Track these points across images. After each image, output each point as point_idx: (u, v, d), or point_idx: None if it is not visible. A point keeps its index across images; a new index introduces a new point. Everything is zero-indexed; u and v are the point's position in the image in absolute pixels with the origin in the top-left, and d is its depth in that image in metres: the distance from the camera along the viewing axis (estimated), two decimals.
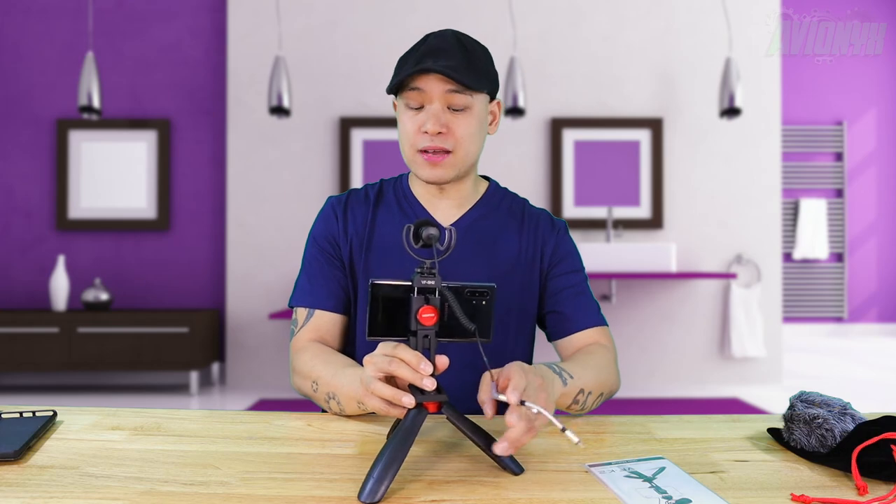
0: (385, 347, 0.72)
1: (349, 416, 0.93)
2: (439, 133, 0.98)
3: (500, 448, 0.66)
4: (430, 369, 0.69)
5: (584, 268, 1.12)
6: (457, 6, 4.13)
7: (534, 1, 4.14)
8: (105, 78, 4.22)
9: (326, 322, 1.05)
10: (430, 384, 0.68)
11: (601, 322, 1.08)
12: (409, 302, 0.73)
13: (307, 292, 1.06)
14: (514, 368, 0.72)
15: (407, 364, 0.69)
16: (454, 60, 0.96)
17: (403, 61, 0.99)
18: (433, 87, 0.97)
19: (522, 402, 0.67)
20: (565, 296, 1.08)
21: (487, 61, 1.02)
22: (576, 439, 0.63)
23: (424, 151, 1.00)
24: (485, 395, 0.72)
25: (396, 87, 0.98)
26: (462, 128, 0.99)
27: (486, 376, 0.74)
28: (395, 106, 1.08)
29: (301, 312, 1.05)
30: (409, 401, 0.68)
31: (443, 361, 0.71)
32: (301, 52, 4.11)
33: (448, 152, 1.00)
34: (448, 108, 0.99)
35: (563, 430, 0.64)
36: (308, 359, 0.97)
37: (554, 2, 4.15)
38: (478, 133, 1.02)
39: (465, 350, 1.04)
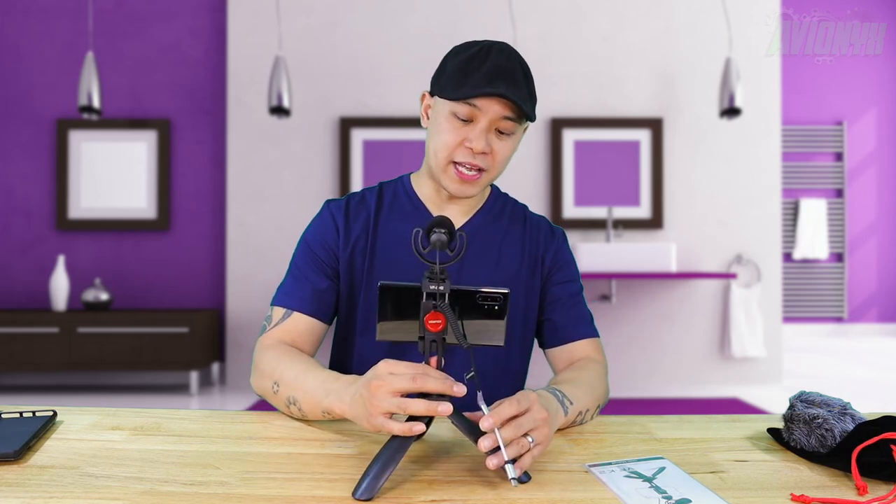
0: (397, 365, 0.70)
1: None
2: (482, 153, 0.97)
3: (490, 463, 0.66)
4: (463, 390, 0.68)
5: (580, 277, 1.13)
6: (457, 6, 4.13)
7: (534, 1, 4.14)
8: (105, 78, 4.22)
9: (302, 326, 1.01)
10: (460, 390, 0.67)
11: (594, 334, 1.09)
12: (417, 305, 0.72)
13: (289, 293, 1.03)
14: (514, 398, 0.71)
15: (433, 378, 0.68)
16: (521, 90, 0.94)
17: (467, 70, 0.94)
18: (493, 109, 0.94)
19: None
20: (561, 305, 1.09)
21: (535, 89, 1.01)
22: (512, 474, 0.64)
23: (458, 164, 0.98)
24: (483, 423, 0.69)
25: (453, 97, 0.94)
26: (503, 151, 0.99)
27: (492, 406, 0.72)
28: (422, 100, 1.04)
29: (278, 311, 1.02)
30: (444, 408, 0.67)
31: (461, 390, 0.68)
32: (301, 52, 4.11)
33: (482, 170, 0.99)
34: (496, 129, 0.97)
35: (507, 462, 0.65)
36: (272, 357, 0.94)
37: (554, 2, 4.14)
38: (511, 157, 1.03)
39: (468, 354, 1.04)
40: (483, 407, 0.68)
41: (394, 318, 0.75)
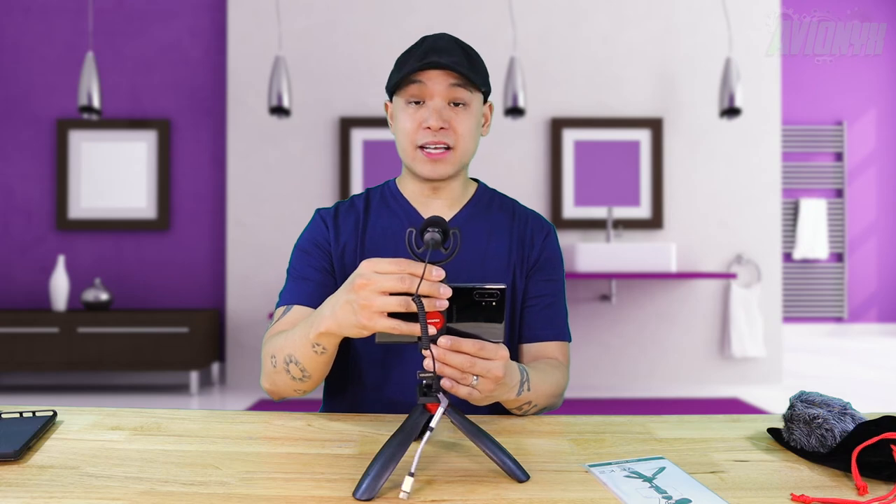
0: (381, 263, 0.70)
1: (347, 416, 0.92)
2: (441, 128, 0.99)
3: (426, 363, 0.71)
4: (442, 274, 0.69)
5: (563, 277, 1.13)
6: (457, 6, 4.13)
7: (534, 1, 4.14)
8: (105, 78, 4.22)
9: (302, 316, 1.01)
10: (446, 292, 0.68)
11: (563, 337, 1.09)
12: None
13: (287, 293, 1.04)
14: (485, 343, 0.75)
15: (417, 276, 0.69)
16: (457, 57, 0.99)
17: (404, 60, 1.01)
18: (437, 82, 0.99)
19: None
20: (539, 303, 1.09)
21: (483, 64, 1.05)
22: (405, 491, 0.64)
23: (424, 147, 1.01)
24: (442, 341, 0.74)
25: (398, 83, 1.00)
26: (463, 124, 1.01)
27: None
28: (386, 107, 1.10)
29: (279, 311, 1.02)
30: (441, 304, 0.68)
31: (440, 273, 0.69)
32: (301, 52, 4.11)
33: (449, 148, 1.01)
34: (449, 102, 1.00)
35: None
36: (272, 341, 0.95)
37: (554, 2, 4.15)
38: (476, 131, 1.04)
39: None
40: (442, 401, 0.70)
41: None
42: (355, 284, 0.72)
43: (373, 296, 0.70)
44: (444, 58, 0.97)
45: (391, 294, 0.70)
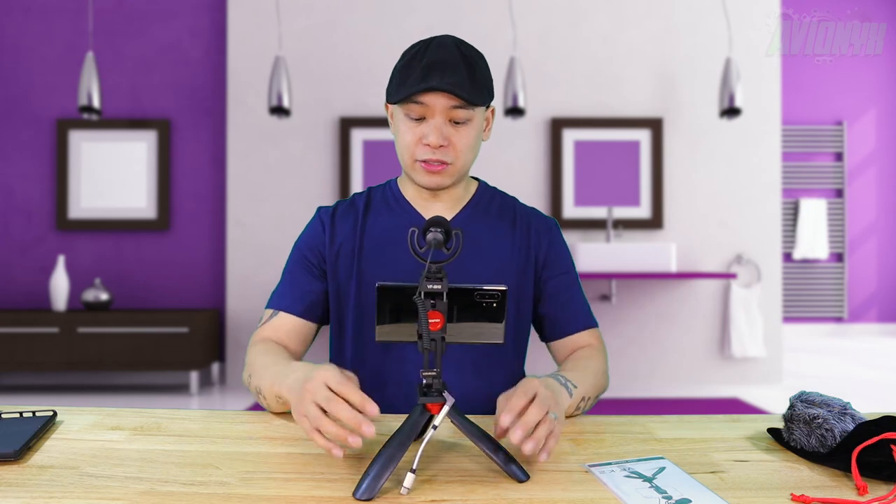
0: (331, 378, 0.69)
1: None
2: (441, 146, 0.99)
3: (527, 448, 0.68)
4: (375, 411, 0.66)
5: (574, 266, 1.14)
6: (457, 6, 4.13)
7: (534, 1, 4.14)
8: (105, 78, 4.22)
9: (288, 324, 1.05)
10: (368, 432, 0.64)
11: (593, 323, 1.11)
12: (415, 305, 0.72)
13: (278, 295, 1.07)
14: (519, 389, 0.73)
15: (349, 405, 0.66)
16: (459, 76, 0.96)
17: (406, 72, 0.98)
18: (437, 102, 0.97)
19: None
20: (559, 299, 1.10)
21: (487, 72, 1.02)
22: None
23: (423, 161, 1.00)
24: (503, 420, 0.70)
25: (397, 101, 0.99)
26: (463, 140, 1.00)
27: (501, 399, 0.76)
28: (386, 107, 1.08)
29: (268, 313, 1.07)
30: (354, 441, 0.64)
31: (373, 410, 0.67)
32: (301, 52, 4.11)
33: (447, 163, 1.01)
34: (449, 120, 0.99)
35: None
36: (255, 352, 0.98)
37: (554, 2, 4.14)
38: (476, 141, 1.04)
39: (468, 351, 1.04)
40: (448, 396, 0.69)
41: (392, 320, 0.74)
42: (305, 386, 0.71)
43: (309, 406, 0.69)
44: (446, 77, 0.95)
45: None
